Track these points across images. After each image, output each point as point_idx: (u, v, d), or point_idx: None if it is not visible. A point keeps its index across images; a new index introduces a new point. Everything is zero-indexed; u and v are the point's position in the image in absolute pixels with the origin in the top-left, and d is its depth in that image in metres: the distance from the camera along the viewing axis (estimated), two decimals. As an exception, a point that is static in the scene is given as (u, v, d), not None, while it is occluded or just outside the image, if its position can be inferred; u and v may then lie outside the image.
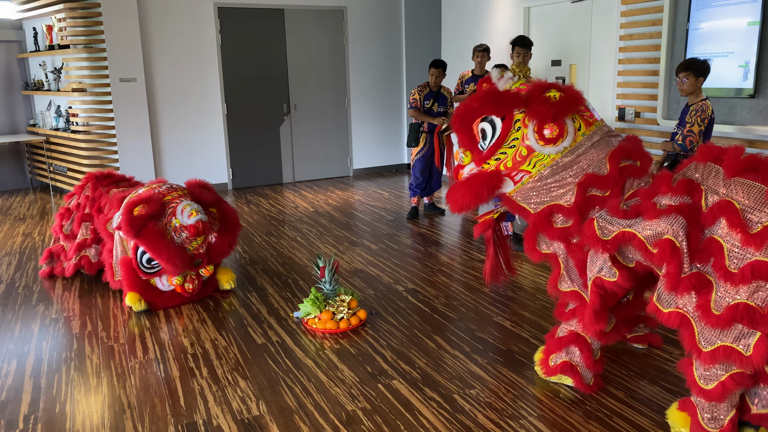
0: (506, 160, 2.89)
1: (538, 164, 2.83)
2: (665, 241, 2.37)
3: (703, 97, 4.16)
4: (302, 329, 3.69)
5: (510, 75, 3.03)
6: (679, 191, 2.44)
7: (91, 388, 3.08)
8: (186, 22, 7.56)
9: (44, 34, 7.87)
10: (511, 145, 2.87)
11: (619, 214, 2.57)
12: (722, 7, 4.68)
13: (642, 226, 2.48)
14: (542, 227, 2.84)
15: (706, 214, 2.36)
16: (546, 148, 2.80)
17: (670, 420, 2.60)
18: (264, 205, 7.12)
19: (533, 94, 2.86)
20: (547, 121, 2.78)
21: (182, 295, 4.06)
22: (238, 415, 2.79)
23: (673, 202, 2.42)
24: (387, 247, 5.32)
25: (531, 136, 2.82)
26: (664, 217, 2.41)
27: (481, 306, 3.97)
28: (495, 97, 2.91)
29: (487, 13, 7.29)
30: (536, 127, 2.81)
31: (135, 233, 3.77)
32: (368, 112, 8.87)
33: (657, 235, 2.41)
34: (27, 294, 4.43)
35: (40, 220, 6.59)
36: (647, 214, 2.47)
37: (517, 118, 2.87)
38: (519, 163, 2.86)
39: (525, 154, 2.84)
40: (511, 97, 2.89)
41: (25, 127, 8.65)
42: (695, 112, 4.09)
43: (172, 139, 7.74)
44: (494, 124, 2.92)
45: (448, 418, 2.71)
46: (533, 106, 2.82)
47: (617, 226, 2.56)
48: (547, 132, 2.78)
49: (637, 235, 2.48)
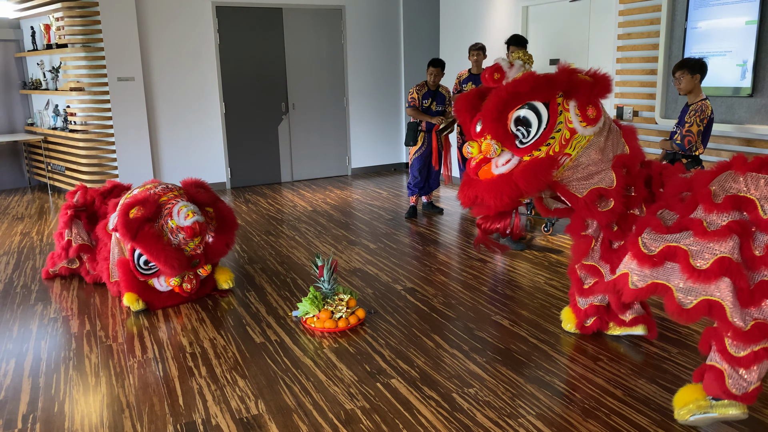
0: (554, 144, 2.84)
1: (577, 146, 2.86)
2: (722, 258, 2.37)
3: (703, 97, 4.16)
4: (301, 328, 3.70)
5: (520, 63, 2.99)
6: (727, 208, 2.44)
7: (89, 387, 3.08)
8: (184, 21, 7.55)
9: (42, 33, 7.86)
10: (557, 130, 2.84)
11: (663, 230, 2.55)
12: (720, 6, 4.68)
13: (693, 243, 2.45)
14: (589, 210, 2.91)
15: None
16: (587, 129, 2.83)
17: (678, 400, 2.63)
18: (262, 205, 7.12)
19: (573, 78, 2.83)
20: (590, 103, 2.81)
21: (180, 295, 4.06)
22: (236, 414, 2.79)
23: (722, 221, 2.42)
24: (385, 246, 5.33)
25: (574, 118, 2.82)
26: (719, 238, 2.40)
27: (480, 305, 3.98)
28: (545, 81, 2.80)
29: (485, 12, 7.29)
30: (579, 109, 2.81)
31: (132, 236, 3.76)
32: (366, 111, 8.87)
33: (711, 255, 2.40)
34: (25, 293, 4.42)
35: (38, 220, 6.58)
36: (697, 231, 2.45)
37: (558, 102, 2.84)
38: (564, 147, 2.85)
39: (568, 137, 2.84)
40: (558, 79, 2.81)
41: (23, 126, 8.64)
42: (694, 113, 4.11)
43: (171, 138, 7.73)
44: (539, 111, 2.82)
45: (447, 416, 2.72)
46: (579, 89, 2.81)
47: (662, 242, 2.52)
48: (590, 113, 2.81)
49: (685, 250, 2.45)
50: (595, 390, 2.90)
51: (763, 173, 2.42)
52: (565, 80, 2.81)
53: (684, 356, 3.20)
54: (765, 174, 2.41)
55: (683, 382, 2.93)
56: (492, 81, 2.97)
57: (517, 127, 2.83)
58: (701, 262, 2.40)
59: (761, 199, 2.40)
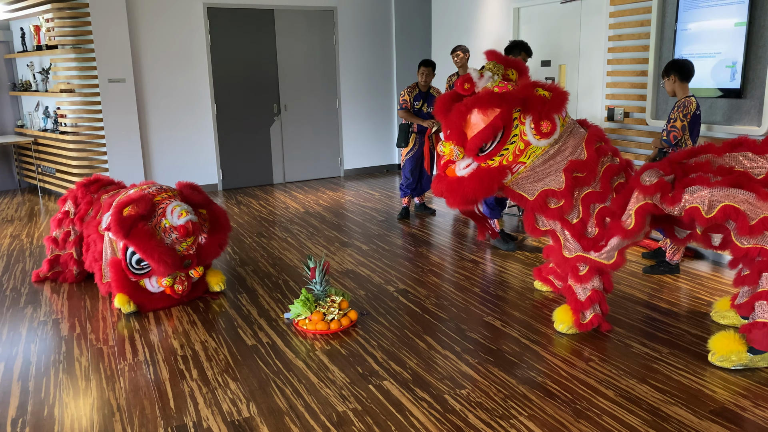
0: (508, 155, 3.24)
1: (532, 156, 3.24)
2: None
3: (688, 94, 4.30)
4: (293, 330, 3.69)
5: (489, 74, 3.32)
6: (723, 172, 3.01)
7: (80, 390, 3.06)
8: (175, 23, 7.53)
9: (32, 35, 7.81)
10: (512, 142, 3.22)
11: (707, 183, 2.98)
12: (710, 8, 4.71)
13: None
14: (540, 210, 3.33)
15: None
16: (541, 141, 3.20)
17: (716, 345, 3.07)
18: (254, 206, 7.10)
19: (530, 93, 3.19)
20: (543, 118, 3.15)
21: (172, 297, 4.04)
22: (228, 417, 2.77)
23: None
24: (378, 247, 5.32)
25: (529, 132, 3.19)
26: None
27: (472, 306, 3.98)
28: (500, 99, 3.16)
29: (476, 13, 7.30)
30: (534, 123, 3.17)
31: (124, 234, 3.75)
32: (359, 112, 8.86)
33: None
34: (15, 296, 4.39)
35: (28, 222, 6.54)
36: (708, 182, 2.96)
37: (515, 117, 3.19)
38: (518, 156, 3.24)
39: (523, 148, 3.22)
40: (512, 96, 3.17)
41: (13, 128, 8.58)
42: (677, 108, 4.27)
43: (162, 140, 7.70)
44: None
45: (439, 418, 2.71)
46: (533, 105, 3.16)
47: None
48: (543, 127, 3.16)
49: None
50: (586, 390, 2.91)
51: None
52: (519, 98, 3.17)
53: (675, 356, 3.21)
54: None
55: (675, 383, 2.94)
56: (462, 90, 3.35)
57: None
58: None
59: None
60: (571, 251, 3.40)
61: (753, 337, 2.96)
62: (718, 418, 2.65)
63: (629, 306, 3.89)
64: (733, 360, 3.01)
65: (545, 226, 3.49)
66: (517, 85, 3.30)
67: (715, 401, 2.78)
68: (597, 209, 3.32)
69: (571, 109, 6.24)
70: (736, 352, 3.01)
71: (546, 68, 6.47)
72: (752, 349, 3.00)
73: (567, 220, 3.33)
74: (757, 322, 2.94)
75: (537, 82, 3.29)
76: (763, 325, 2.91)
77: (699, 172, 3.11)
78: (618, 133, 5.74)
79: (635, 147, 5.54)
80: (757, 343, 2.97)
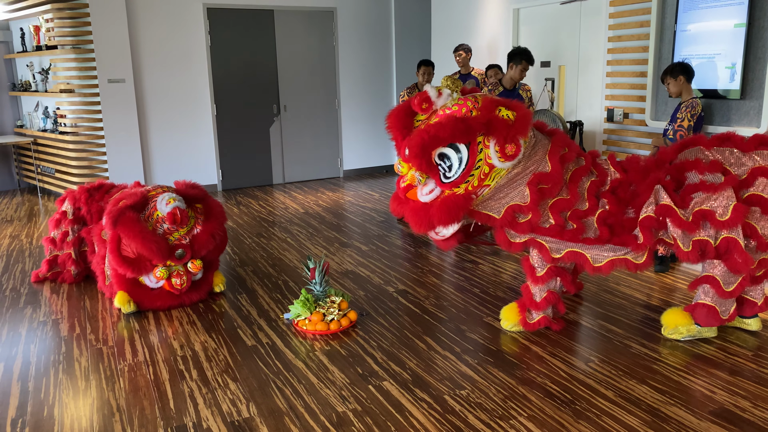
0: (473, 180, 3.17)
1: (497, 177, 3.18)
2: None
3: (694, 95, 4.33)
4: (292, 331, 3.69)
5: (448, 92, 3.23)
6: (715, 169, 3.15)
7: (79, 391, 3.06)
8: (175, 23, 7.53)
9: (31, 35, 7.81)
10: (476, 167, 3.15)
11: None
12: (709, 9, 4.71)
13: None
14: (510, 225, 3.28)
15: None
16: (506, 164, 3.13)
17: (667, 320, 3.41)
18: (254, 207, 7.10)
19: (493, 117, 3.10)
20: (509, 141, 3.08)
21: (172, 296, 4.02)
22: (228, 418, 2.78)
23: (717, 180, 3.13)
24: (377, 248, 5.32)
25: (494, 154, 3.11)
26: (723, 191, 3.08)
27: (471, 306, 3.98)
28: (464, 126, 3.07)
29: (476, 14, 7.31)
30: (498, 146, 3.09)
31: (113, 223, 3.82)
32: (358, 112, 8.87)
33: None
34: (14, 297, 4.39)
35: (27, 222, 6.54)
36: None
37: (479, 140, 3.12)
38: (482, 180, 3.18)
39: (487, 171, 3.16)
40: (476, 123, 3.09)
41: (12, 128, 8.58)
42: (685, 108, 4.28)
43: (162, 141, 7.70)
44: (459, 150, 3.13)
45: (439, 419, 2.72)
46: (497, 129, 3.08)
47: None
48: (508, 150, 3.10)
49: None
50: (586, 391, 2.91)
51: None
52: (483, 123, 3.09)
53: (674, 357, 3.22)
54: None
55: (674, 383, 2.95)
56: (420, 109, 3.24)
57: (440, 161, 3.15)
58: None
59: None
60: (560, 251, 3.33)
61: (697, 316, 3.34)
62: (717, 418, 2.66)
63: (628, 307, 3.89)
64: (682, 332, 3.38)
65: (522, 238, 3.37)
66: (477, 101, 3.17)
67: (714, 402, 2.79)
68: (569, 214, 3.27)
69: (570, 110, 6.24)
70: (685, 326, 3.37)
71: (546, 69, 6.48)
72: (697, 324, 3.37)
73: (540, 227, 3.26)
74: (698, 303, 3.33)
75: (499, 101, 3.18)
76: (704, 306, 3.30)
77: (694, 171, 3.20)
78: (617, 134, 5.75)
79: (634, 148, 5.55)
80: (701, 321, 3.34)
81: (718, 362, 3.16)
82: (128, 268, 3.88)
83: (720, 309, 3.29)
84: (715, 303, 3.28)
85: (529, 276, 3.48)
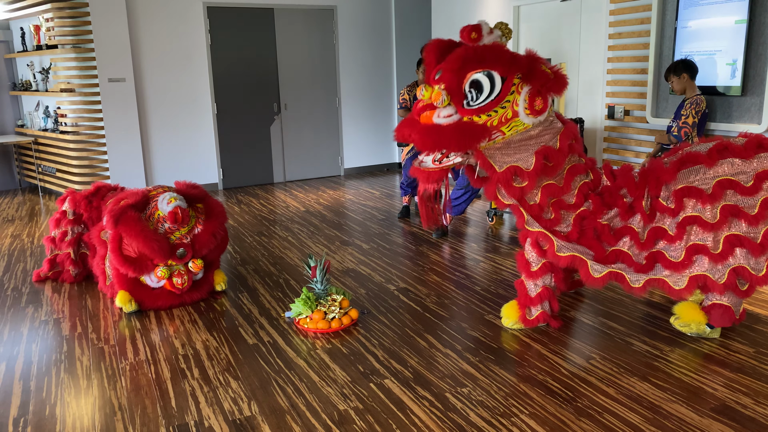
0: (494, 118, 3.06)
1: (513, 129, 3.11)
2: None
3: (698, 92, 4.33)
4: (294, 329, 3.69)
5: (499, 34, 3.14)
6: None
7: (81, 390, 3.06)
8: (175, 22, 7.53)
9: (32, 34, 7.81)
10: (503, 106, 3.04)
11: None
12: (710, 6, 4.71)
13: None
14: (505, 184, 3.23)
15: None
16: (528, 118, 3.07)
17: (681, 312, 3.41)
18: (255, 205, 7.10)
19: (536, 66, 3.02)
20: (540, 95, 3.02)
21: (173, 295, 4.03)
22: (229, 416, 2.78)
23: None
24: (378, 246, 5.32)
25: (521, 104, 3.03)
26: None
27: (473, 304, 3.98)
28: (509, 57, 2.99)
29: (476, 12, 7.30)
30: (529, 97, 3.02)
31: (114, 223, 3.83)
32: (359, 111, 8.86)
33: None
34: (16, 296, 4.39)
35: (29, 222, 6.54)
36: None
37: (515, 83, 3.02)
38: (501, 124, 3.08)
39: (509, 118, 3.07)
40: (522, 59, 3.01)
41: (13, 127, 8.58)
42: (690, 105, 4.28)
43: (162, 140, 7.70)
44: (494, 82, 3.01)
45: (440, 416, 2.72)
46: (536, 77, 3.01)
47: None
48: (536, 104, 3.04)
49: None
50: (587, 388, 2.91)
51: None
52: (526, 64, 3.01)
53: (676, 354, 3.21)
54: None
55: (676, 380, 2.95)
56: (468, 38, 3.10)
57: (470, 89, 3.01)
58: None
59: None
60: (536, 226, 3.33)
61: (713, 317, 3.33)
62: (719, 415, 2.66)
63: (629, 303, 3.89)
64: (692, 328, 3.37)
65: (508, 201, 3.35)
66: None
67: (716, 399, 2.79)
68: (553, 201, 3.32)
69: (572, 107, 6.23)
70: (697, 323, 3.35)
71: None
72: (709, 324, 3.35)
73: (525, 200, 3.30)
74: (714, 304, 3.31)
75: (541, 59, 3.12)
76: (720, 306, 3.29)
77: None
78: (618, 131, 5.74)
79: (635, 145, 5.54)
80: (715, 322, 3.34)
81: (719, 359, 3.15)
82: (129, 268, 3.88)
83: (735, 309, 3.31)
84: (731, 303, 3.28)
85: (524, 271, 3.48)
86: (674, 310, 3.47)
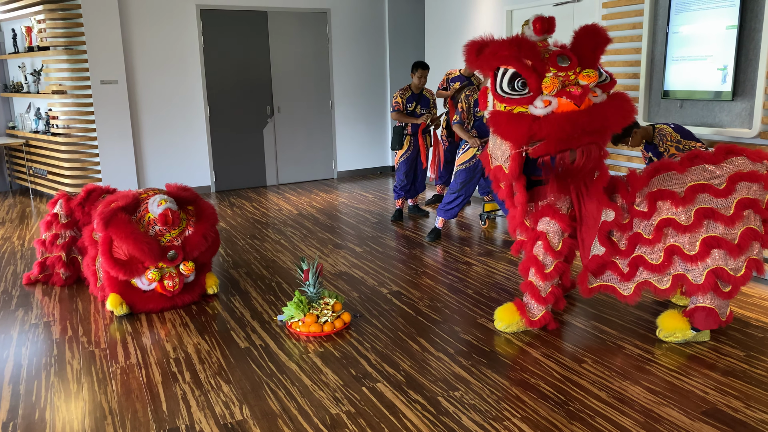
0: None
1: None
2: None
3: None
4: (286, 333, 3.68)
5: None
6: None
7: (71, 394, 3.04)
8: (168, 24, 7.51)
9: (23, 36, 7.77)
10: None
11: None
12: (701, 11, 4.73)
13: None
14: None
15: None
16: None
17: (664, 324, 3.41)
18: (247, 208, 7.08)
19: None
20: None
21: (164, 298, 4.01)
22: (221, 420, 2.77)
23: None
24: (371, 249, 5.32)
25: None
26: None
27: (465, 308, 3.98)
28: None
29: (470, 15, 7.32)
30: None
31: (104, 225, 3.82)
32: (352, 114, 8.86)
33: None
34: (6, 299, 4.36)
35: (19, 224, 6.50)
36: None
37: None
38: None
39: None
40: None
41: (4, 129, 8.53)
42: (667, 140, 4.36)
43: (155, 142, 7.68)
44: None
45: (432, 420, 2.71)
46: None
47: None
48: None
49: None
50: (579, 392, 2.91)
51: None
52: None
53: (667, 358, 3.23)
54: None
55: (667, 384, 2.96)
56: (540, 31, 3.30)
57: (516, 81, 3.12)
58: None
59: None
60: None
61: (696, 320, 3.33)
62: (710, 419, 2.67)
63: (621, 307, 3.90)
64: (678, 336, 3.37)
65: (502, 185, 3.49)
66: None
67: (707, 402, 2.80)
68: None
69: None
70: (681, 330, 3.36)
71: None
72: (695, 328, 3.36)
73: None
74: (697, 307, 3.32)
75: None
76: (703, 309, 3.30)
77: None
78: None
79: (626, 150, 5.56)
80: (699, 324, 3.34)
81: (710, 363, 3.17)
82: (120, 270, 3.86)
83: (720, 311, 3.31)
84: (714, 305, 3.29)
85: (538, 274, 3.49)
86: (657, 323, 3.49)
